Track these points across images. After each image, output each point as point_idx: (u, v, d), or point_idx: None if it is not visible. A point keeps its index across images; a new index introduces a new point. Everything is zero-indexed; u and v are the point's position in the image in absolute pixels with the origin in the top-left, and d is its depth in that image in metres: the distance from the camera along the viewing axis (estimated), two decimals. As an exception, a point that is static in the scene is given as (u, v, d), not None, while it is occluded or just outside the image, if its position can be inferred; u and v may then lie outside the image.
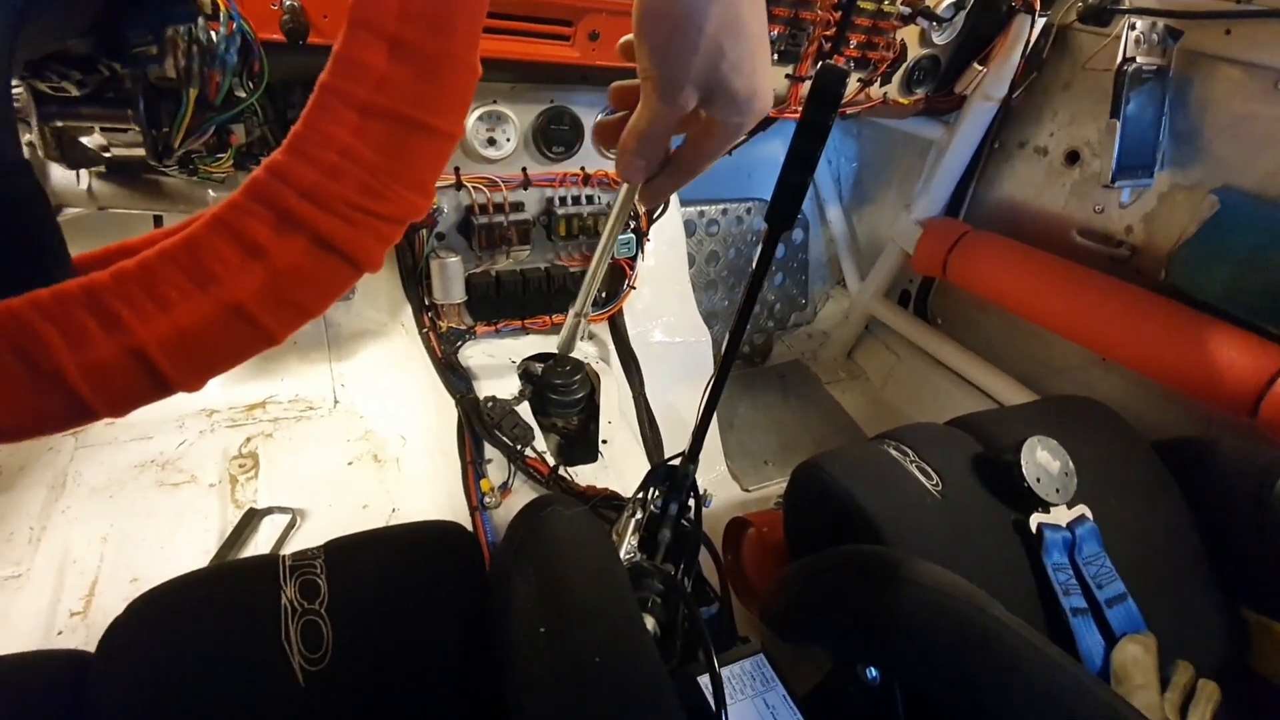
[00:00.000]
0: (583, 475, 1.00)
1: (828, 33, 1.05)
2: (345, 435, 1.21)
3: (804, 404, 1.61)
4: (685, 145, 0.40)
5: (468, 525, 0.91)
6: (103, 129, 0.72)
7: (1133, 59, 1.03)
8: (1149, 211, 1.14)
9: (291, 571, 0.61)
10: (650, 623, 0.60)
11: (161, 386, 0.28)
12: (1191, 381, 0.98)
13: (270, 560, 0.63)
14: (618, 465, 1.06)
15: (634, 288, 1.20)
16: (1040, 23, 1.17)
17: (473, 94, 0.33)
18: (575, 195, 1.09)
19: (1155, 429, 0.96)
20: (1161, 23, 1.04)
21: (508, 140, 1.01)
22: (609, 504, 0.94)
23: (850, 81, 1.15)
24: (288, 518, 1.03)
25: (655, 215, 1.18)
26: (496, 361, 1.13)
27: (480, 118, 0.98)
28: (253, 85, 0.66)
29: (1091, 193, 1.22)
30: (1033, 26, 1.16)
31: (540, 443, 1.00)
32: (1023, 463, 0.76)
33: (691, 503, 0.74)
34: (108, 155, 0.76)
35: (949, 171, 1.40)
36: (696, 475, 0.72)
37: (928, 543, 0.72)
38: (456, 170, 1.01)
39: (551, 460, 0.98)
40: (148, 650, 0.56)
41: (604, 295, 1.21)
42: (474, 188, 1.02)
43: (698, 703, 0.55)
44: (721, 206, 1.60)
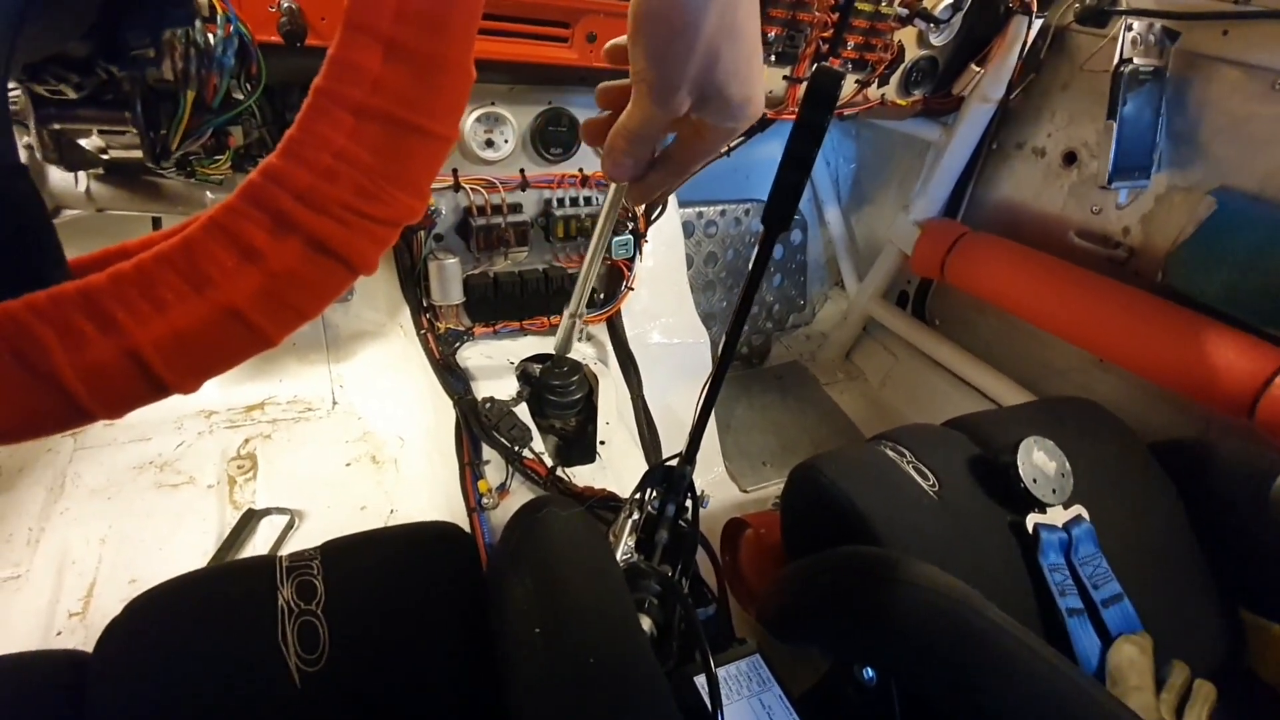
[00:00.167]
0: (580, 476, 1.01)
1: (825, 34, 1.05)
2: (343, 436, 1.21)
3: (802, 405, 1.61)
4: (675, 145, 0.40)
5: (466, 526, 0.91)
6: (101, 131, 0.72)
7: (1130, 60, 1.03)
8: (1146, 213, 1.14)
9: (288, 572, 0.61)
10: (647, 623, 0.60)
11: (157, 388, 0.28)
12: (1189, 383, 0.98)
13: (267, 561, 0.63)
14: (615, 466, 1.07)
15: (632, 289, 1.20)
16: (1038, 24, 1.17)
17: (468, 96, 0.33)
18: (573, 197, 1.09)
19: (1153, 430, 0.96)
20: (1159, 24, 1.04)
21: (506, 142, 1.01)
22: (606, 505, 0.95)
23: (848, 83, 1.15)
24: (286, 519, 1.03)
25: (653, 216, 1.18)
26: (494, 362, 1.13)
27: (478, 119, 0.98)
28: (250, 87, 0.66)
29: (1089, 194, 1.22)
30: (1030, 27, 1.16)
31: (538, 444, 1.00)
32: (1019, 463, 0.76)
33: (689, 504, 0.74)
34: (106, 157, 0.76)
35: (947, 172, 1.40)
36: (694, 476, 0.73)
37: (924, 543, 0.72)
38: (454, 172, 1.01)
39: (549, 461, 0.98)
40: (145, 651, 0.56)
41: (601, 297, 1.21)
42: (472, 189, 1.02)
43: (694, 703, 0.55)
44: (720, 208, 1.61)
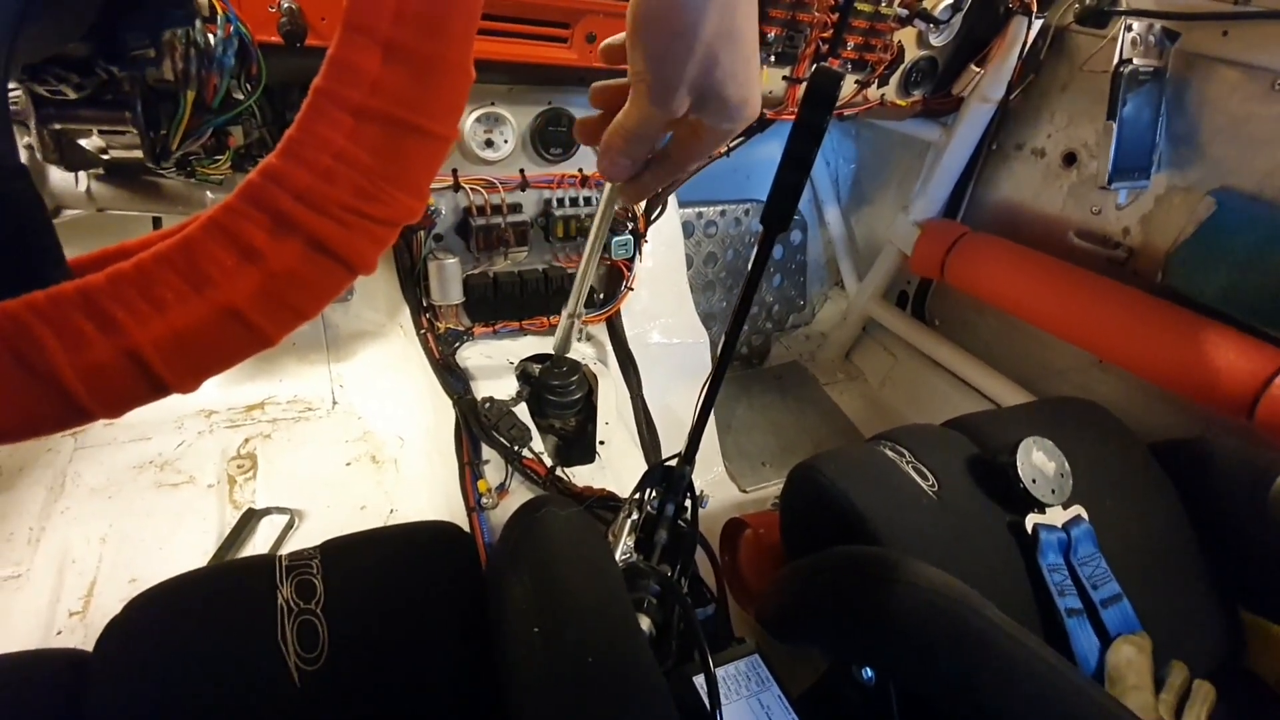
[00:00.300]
0: (580, 476, 1.01)
1: (825, 34, 1.05)
2: (343, 436, 1.21)
3: (802, 405, 1.61)
4: (672, 145, 0.40)
5: (465, 526, 0.91)
6: (101, 131, 0.73)
7: (1129, 60, 1.03)
8: (1146, 213, 1.14)
9: (288, 572, 0.61)
10: (646, 623, 0.60)
11: (157, 388, 0.28)
12: (1188, 383, 0.98)
13: (266, 560, 0.63)
14: (615, 466, 1.07)
15: (632, 289, 1.20)
16: (1037, 24, 1.17)
17: (467, 97, 0.33)
18: (573, 197, 1.09)
19: (1152, 430, 0.96)
20: (1158, 24, 1.04)
21: (505, 142, 1.01)
22: (605, 505, 0.95)
23: (848, 83, 1.15)
24: (286, 518, 1.04)
25: (653, 217, 1.18)
26: (494, 362, 1.13)
27: (478, 119, 0.98)
28: (250, 87, 0.67)
29: (1089, 194, 1.22)
30: (1030, 28, 1.16)
31: (538, 443, 1.00)
32: (1018, 464, 0.76)
33: (688, 504, 0.74)
34: (106, 157, 0.76)
35: (947, 173, 1.40)
36: (693, 476, 0.73)
37: (923, 544, 0.72)
38: (454, 172, 1.01)
39: (549, 461, 0.98)
40: (145, 650, 0.57)
41: (601, 297, 1.21)
42: (472, 189, 1.02)
43: (693, 703, 0.55)
44: (720, 208, 1.61)
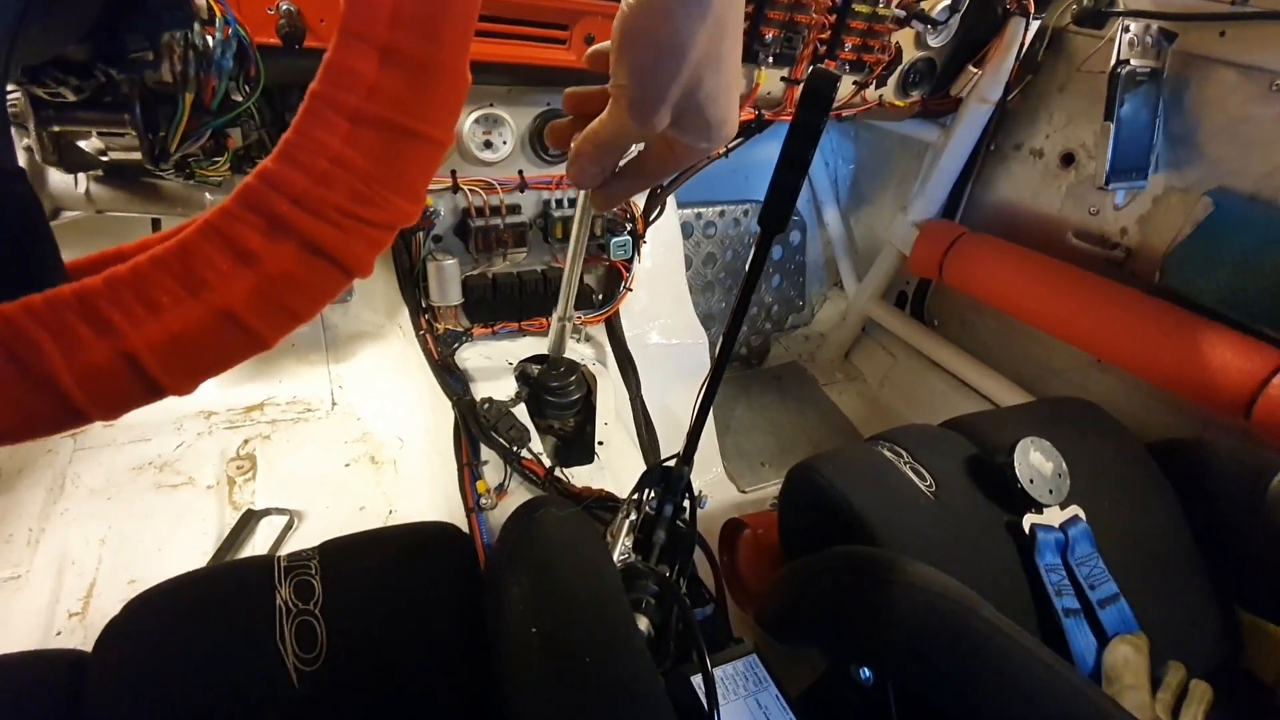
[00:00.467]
0: (579, 477, 1.01)
1: (823, 35, 1.05)
2: (343, 437, 1.21)
3: (801, 405, 1.62)
4: (644, 157, 0.40)
5: (464, 527, 0.92)
6: (100, 133, 0.73)
7: (1127, 61, 1.03)
8: (1144, 214, 1.14)
9: (286, 572, 0.61)
10: (644, 623, 0.61)
11: (153, 390, 0.28)
12: (1186, 383, 0.98)
13: (265, 561, 0.63)
14: (614, 467, 1.07)
15: (631, 290, 1.20)
16: (1035, 25, 1.17)
17: (464, 101, 0.33)
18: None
19: (1150, 430, 0.96)
20: (1156, 25, 1.04)
21: (504, 143, 1.01)
22: (604, 505, 0.95)
23: (846, 84, 1.16)
24: (285, 519, 1.04)
25: (652, 218, 1.18)
26: (493, 363, 1.13)
27: (476, 121, 0.98)
28: (249, 89, 0.67)
29: (1087, 195, 1.22)
30: (1027, 29, 1.17)
31: (536, 444, 1.00)
32: (1016, 464, 0.76)
33: (687, 504, 0.74)
34: (105, 159, 0.76)
35: (945, 174, 1.41)
36: (693, 477, 0.73)
37: (921, 544, 0.72)
38: (453, 173, 1.01)
39: (547, 462, 0.98)
40: (143, 650, 0.57)
41: (599, 298, 1.21)
42: (470, 190, 1.02)
43: (691, 703, 0.55)
44: (719, 209, 1.61)
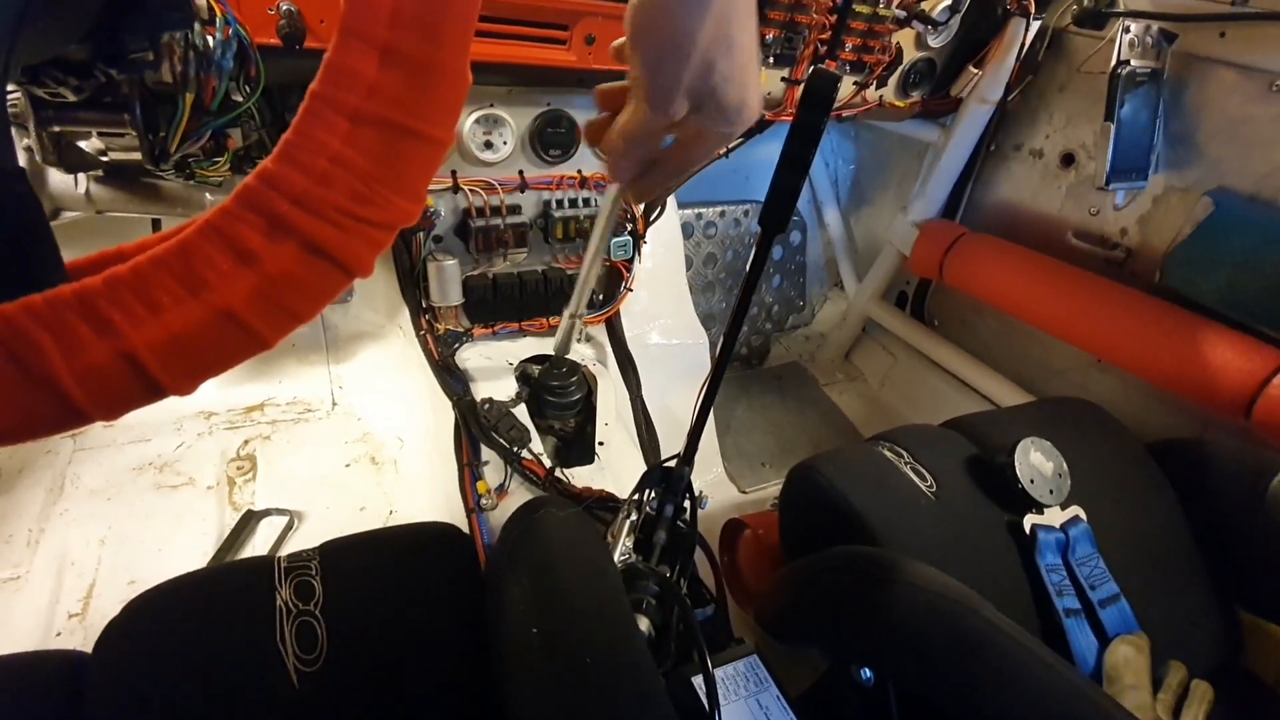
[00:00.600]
0: (579, 477, 1.01)
1: (823, 36, 1.05)
2: (343, 437, 1.21)
3: (801, 406, 1.61)
4: (674, 147, 0.41)
5: (465, 527, 0.92)
6: (100, 133, 0.73)
7: (1127, 62, 1.03)
8: (1144, 214, 1.14)
9: (286, 573, 0.61)
10: (645, 624, 0.61)
11: (153, 390, 0.28)
12: (1186, 383, 0.98)
13: (265, 562, 0.63)
14: (614, 467, 1.07)
15: (631, 290, 1.20)
16: (1035, 26, 1.17)
17: (463, 101, 0.33)
18: (572, 198, 1.10)
19: (1150, 430, 0.96)
20: (1156, 25, 1.04)
21: (504, 143, 1.01)
22: (604, 505, 0.95)
23: (846, 84, 1.16)
24: (285, 519, 1.04)
25: (652, 218, 1.18)
26: (493, 364, 1.13)
27: (477, 121, 0.98)
28: (249, 89, 0.67)
29: (1087, 195, 1.22)
30: (1028, 29, 1.17)
31: (537, 444, 1.00)
32: (1016, 464, 0.76)
33: (687, 504, 0.74)
34: (105, 159, 0.76)
35: (945, 174, 1.41)
36: (693, 477, 0.73)
37: (922, 544, 0.72)
38: (454, 173, 1.01)
39: (548, 462, 0.98)
40: (143, 651, 0.57)
41: (600, 298, 1.21)
42: (471, 191, 1.02)
43: (691, 703, 0.55)
44: (719, 209, 1.61)
